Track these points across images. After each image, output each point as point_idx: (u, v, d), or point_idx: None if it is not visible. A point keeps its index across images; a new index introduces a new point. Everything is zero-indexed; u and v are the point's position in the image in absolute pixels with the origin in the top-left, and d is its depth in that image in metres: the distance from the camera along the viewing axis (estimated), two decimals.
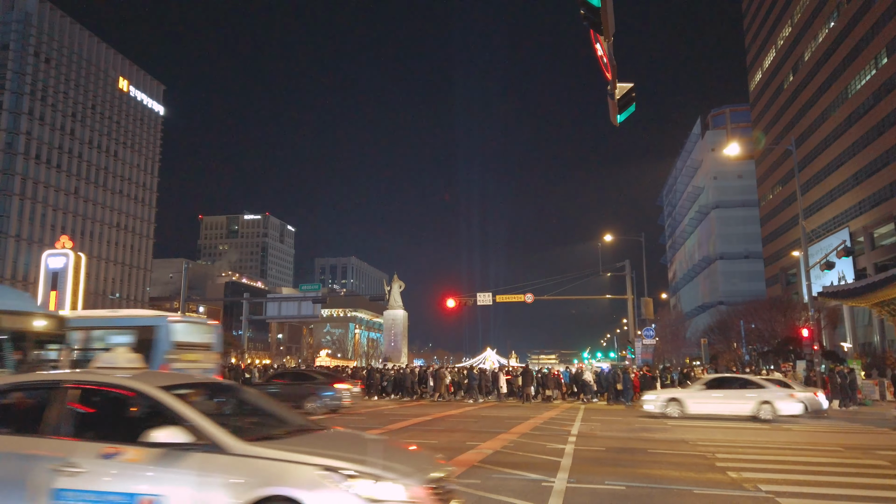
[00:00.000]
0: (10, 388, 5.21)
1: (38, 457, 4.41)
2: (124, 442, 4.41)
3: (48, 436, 4.53)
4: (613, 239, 43.86)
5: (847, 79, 52.90)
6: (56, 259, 44.85)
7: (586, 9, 6.85)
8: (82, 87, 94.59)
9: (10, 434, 4.69)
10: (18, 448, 4.52)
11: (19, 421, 5.02)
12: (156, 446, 4.29)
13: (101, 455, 4.36)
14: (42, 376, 5.24)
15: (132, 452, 4.34)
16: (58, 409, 4.63)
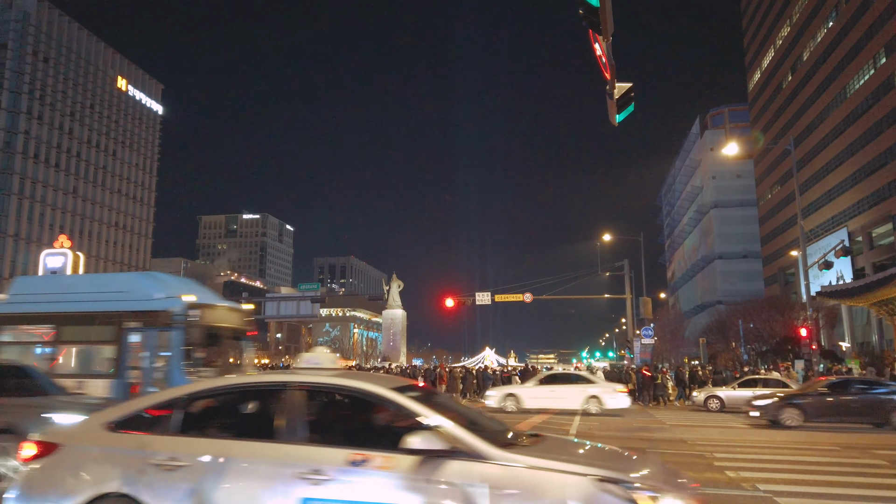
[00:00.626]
0: (231, 389, 4.86)
1: (280, 463, 4.05)
2: (371, 448, 4.05)
3: (286, 441, 4.17)
4: (612, 238, 43.88)
5: (846, 78, 52.94)
6: (54, 258, 44.72)
7: (585, 9, 6.85)
8: (81, 87, 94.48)
9: (242, 439, 4.34)
10: (255, 454, 4.15)
11: (247, 425, 4.77)
12: (411, 453, 3.92)
13: (349, 462, 3.97)
14: (266, 377, 4.91)
15: (382, 459, 3.96)
16: (292, 413, 4.27)
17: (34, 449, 4.43)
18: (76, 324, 12.62)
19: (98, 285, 13.41)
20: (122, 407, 4.65)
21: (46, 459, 4.37)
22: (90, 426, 4.53)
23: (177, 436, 4.31)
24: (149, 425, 4.43)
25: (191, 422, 4.45)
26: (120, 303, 12.19)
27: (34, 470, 4.39)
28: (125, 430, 4.40)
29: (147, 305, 11.91)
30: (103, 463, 4.27)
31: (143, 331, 11.72)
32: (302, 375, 4.54)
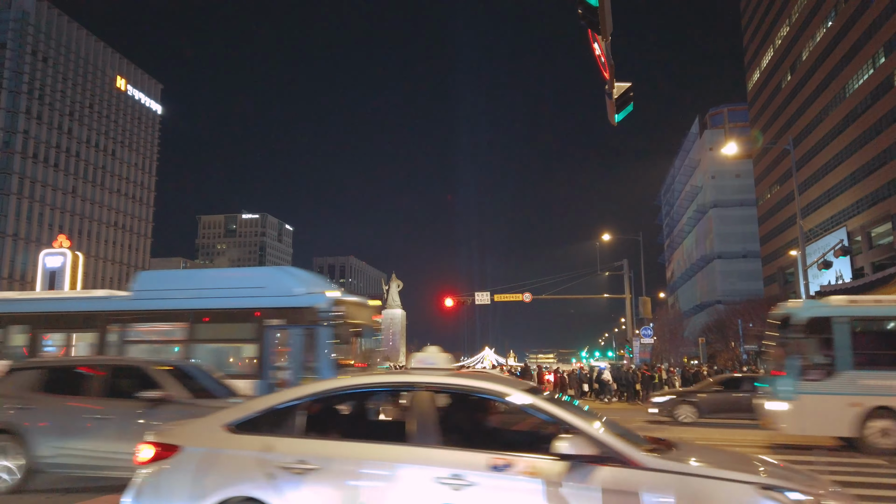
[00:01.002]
0: (354, 390, 4.64)
1: (417, 467, 3.88)
2: (508, 451, 3.89)
3: (420, 444, 3.99)
4: (611, 238, 43.87)
5: (845, 78, 52.95)
6: (53, 258, 44.81)
7: (584, 8, 6.85)
8: (80, 86, 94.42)
9: (371, 441, 4.17)
10: (389, 457, 3.97)
11: (374, 427, 4.61)
12: (559, 458, 3.75)
13: (491, 466, 3.79)
14: (391, 378, 4.63)
15: (525, 463, 3.80)
16: (423, 415, 4.09)
17: (152, 451, 4.29)
18: (213, 321, 12.18)
19: (232, 281, 12.94)
20: (240, 408, 4.49)
21: (166, 462, 4.22)
22: (209, 428, 4.38)
23: (301, 438, 4.17)
24: (270, 427, 4.27)
25: (313, 423, 4.30)
26: (259, 299, 11.71)
27: (153, 473, 4.24)
28: (246, 431, 4.25)
29: (290, 302, 11.48)
30: (228, 466, 4.11)
31: (287, 328, 11.33)
32: (428, 376, 4.35)
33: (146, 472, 4.27)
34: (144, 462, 4.29)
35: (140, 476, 4.27)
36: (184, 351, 11.97)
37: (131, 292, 12.79)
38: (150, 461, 4.26)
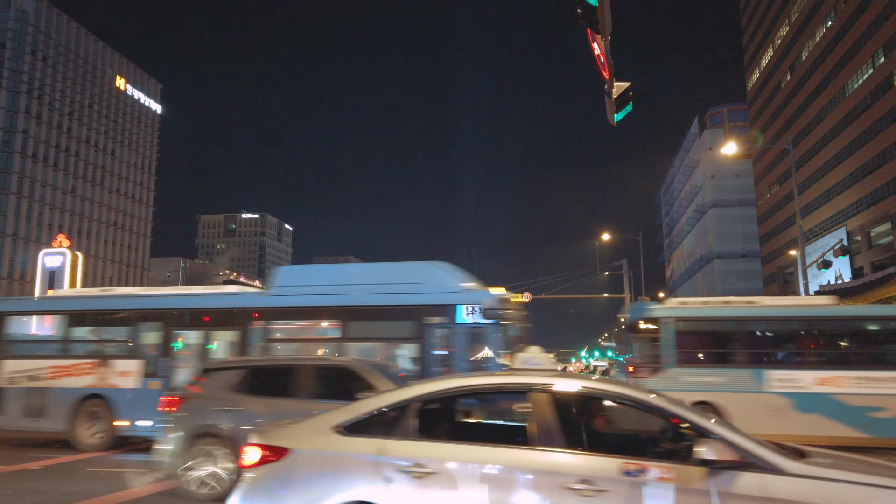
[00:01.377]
0: (468, 391, 4.43)
1: (542, 472, 3.72)
2: (636, 456, 3.75)
3: (542, 447, 3.83)
4: (611, 238, 43.92)
5: (844, 78, 52.96)
6: (53, 258, 44.82)
7: (583, 8, 6.85)
8: (79, 86, 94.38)
9: (490, 444, 3.97)
10: (512, 461, 3.80)
11: (490, 429, 4.46)
12: (697, 463, 3.59)
13: (623, 471, 3.65)
14: (505, 379, 4.37)
15: (660, 469, 3.65)
16: (543, 417, 3.94)
17: (258, 453, 4.14)
18: (366, 318, 11.68)
19: (384, 276, 12.16)
20: (349, 409, 4.32)
21: (275, 465, 4.08)
22: (319, 429, 4.23)
23: (415, 440, 4.03)
24: (381, 428, 4.14)
25: (425, 424, 4.14)
26: (418, 295, 11.21)
27: (261, 476, 4.09)
28: (356, 433, 4.11)
29: (453, 298, 10.97)
30: (341, 469, 3.98)
31: (451, 327, 10.80)
32: (546, 377, 4.19)
33: (252, 475, 4.13)
34: (251, 465, 4.15)
35: (247, 479, 4.14)
36: (333, 350, 11.57)
37: (273, 288, 12.30)
38: (257, 464, 4.13)
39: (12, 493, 7.84)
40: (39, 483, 8.51)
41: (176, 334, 12.36)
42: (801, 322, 13.71)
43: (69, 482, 8.54)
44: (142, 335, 12.51)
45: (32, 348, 13.35)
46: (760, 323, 13.91)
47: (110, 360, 12.25)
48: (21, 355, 12.85)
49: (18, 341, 13.28)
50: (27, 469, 9.60)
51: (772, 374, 12.88)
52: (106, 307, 13.24)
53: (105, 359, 12.30)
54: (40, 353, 12.96)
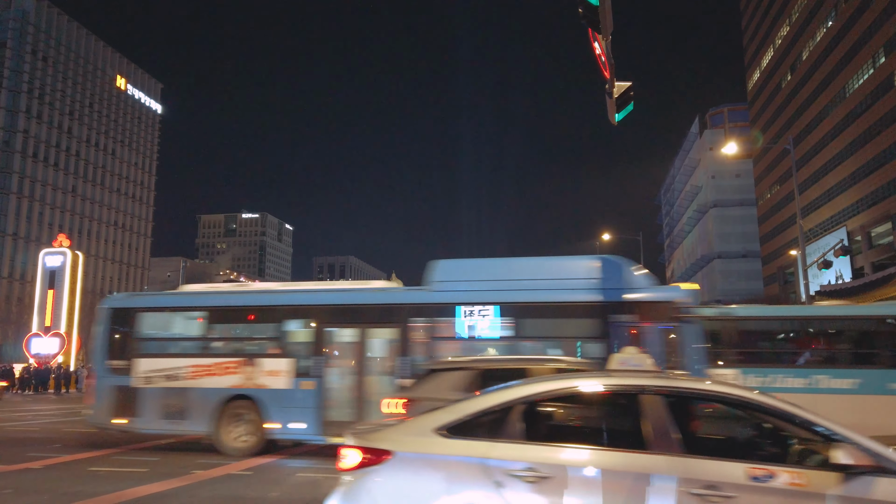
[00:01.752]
0: (574, 392, 4.27)
1: (663, 477, 3.59)
2: (757, 460, 3.63)
3: (659, 452, 3.69)
4: (611, 237, 43.91)
5: (845, 78, 52.94)
6: (53, 258, 44.79)
7: (585, 7, 6.85)
8: (80, 86, 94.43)
9: (603, 448, 3.81)
10: (631, 466, 3.67)
11: (600, 431, 4.37)
12: (829, 468, 3.50)
13: (751, 477, 3.52)
14: (615, 380, 4.22)
15: (789, 475, 3.52)
16: (657, 420, 3.82)
17: (358, 456, 3.99)
18: (541, 316, 11.00)
19: (557, 271, 11.37)
20: (451, 410, 4.16)
21: (376, 469, 3.93)
22: (420, 431, 4.07)
23: (524, 443, 3.87)
24: (486, 430, 3.97)
25: (532, 427, 4.00)
26: (603, 291, 10.59)
27: (363, 480, 3.93)
28: (459, 435, 3.96)
29: (644, 295, 10.39)
30: (449, 473, 3.82)
31: (642, 325, 10.16)
32: (659, 379, 4.07)
33: (350, 478, 3.99)
34: (350, 468, 4.00)
35: (345, 483, 3.99)
36: (502, 350, 10.80)
37: (432, 283, 11.50)
38: (357, 467, 3.98)
39: (13, 493, 7.84)
40: (40, 483, 8.51)
41: (328, 332, 11.65)
42: None
43: (70, 482, 8.54)
44: (292, 333, 11.88)
45: (169, 346, 12.68)
46: None
47: (257, 359, 11.56)
48: (157, 353, 12.19)
49: (153, 339, 12.58)
50: (28, 468, 9.60)
51: None
52: (252, 303, 12.37)
53: (251, 357, 11.62)
54: (179, 351, 12.33)
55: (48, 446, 12.14)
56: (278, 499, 7.71)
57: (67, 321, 43.49)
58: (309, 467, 10.08)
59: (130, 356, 12.06)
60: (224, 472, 9.37)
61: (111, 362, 12.16)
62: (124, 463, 10.25)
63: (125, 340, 12.31)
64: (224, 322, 12.50)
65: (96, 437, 13.76)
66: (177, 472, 9.29)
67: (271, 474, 9.33)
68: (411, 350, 11.01)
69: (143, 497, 7.62)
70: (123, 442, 12.68)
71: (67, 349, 42.65)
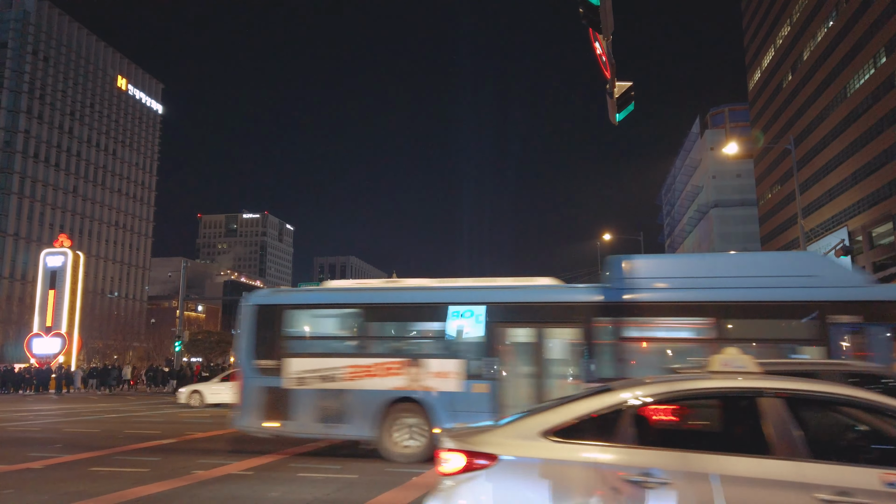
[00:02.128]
0: (688, 394, 4.10)
1: (790, 484, 3.45)
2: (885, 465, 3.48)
3: (784, 457, 3.55)
4: (612, 238, 43.88)
5: (846, 78, 52.92)
6: (54, 258, 44.83)
7: (585, 7, 6.85)
8: (81, 86, 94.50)
9: (721, 452, 3.64)
10: (754, 472, 3.53)
11: (716, 435, 4.21)
12: None
13: (886, 483, 3.39)
14: (731, 383, 4.03)
15: None
16: (779, 424, 3.68)
17: (462, 460, 3.85)
18: (750, 316, 10.14)
19: (762, 267, 10.59)
20: (557, 413, 4.02)
21: (482, 473, 3.78)
22: (525, 434, 3.93)
23: (637, 447, 3.73)
24: (596, 434, 3.84)
25: (643, 430, 3.89)
26: (816, 290, 9.71)
27: (465, 485, 3.81)
28: (567, 438, 3.83)
29: (868, 294, 9.55)
30: (559, 478, 3.69)
31: (866, 327, 9.30)
32: (777, 381, 3.90)
33: (452, 483, 3.86)
34: (453, 472, 3.86)
35: (446, 488, 3.87)
36: (698, 352, 9.90)
37: (615, 280, 10.71)
38: (460, 471, 3.84)
39: (13, 493, 7.85)
40: (41, 483, 8.51)
41: (502, 331, 10.80)
42: None
43: (71, 482, 8.54)
44: (461, 332, 11.05)
45: (324, 345, 11.95)
46: None
47: (423, 360, 10.81)
48: (310, 353, 11.44)
49: (306, 337, 11.98)
50: (28, 468, 9.61)
51: None
52: (417, 300, 11.53)
53: (416, 357, 10.87)
54: (334, 351, 11.61)
55: (49, 446, 12.14)
56: (279, 499, 7.70)
57: (68, 321, 43.52)
58: (309, 467, 10.08)
59: (280, 356, 11.31)
60: (225, 473, 9.37)
61: (258, 362, 11.40)
62: (125, 463, 10.26)
63: (273, 339, 11.53)
64: (385, 320, 11.76)
65: (97, 437, 13.78)
66: (178, 472, 9.30)
67: (272, 474, 9.33)
68: (595, 352, 10.31)
69: (144, 497, 7.62)
70: (124, 442, 12.68)
71: (68, 349, 42.68)
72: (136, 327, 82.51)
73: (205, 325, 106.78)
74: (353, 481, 8.76)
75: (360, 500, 7.44)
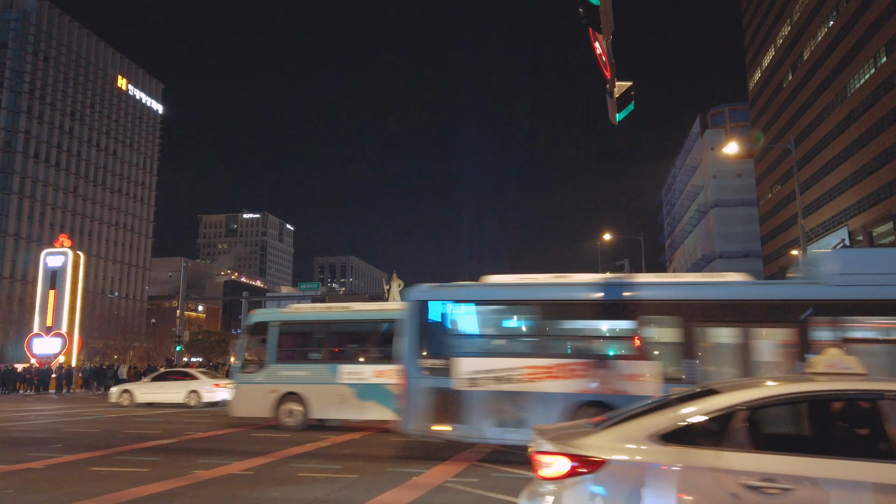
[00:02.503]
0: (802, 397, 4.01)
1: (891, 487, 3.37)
2: None
3: None
4: (612, 237, 43.91)
5: (846, 78, 52.91)
6: (55, 258, 44.82)
7: (585, 7, 6.85)
8: (81, 86, 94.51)
9: (847, 458, 3.55)
10: (879, 478, 3.44)
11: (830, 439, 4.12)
12: None
13: None
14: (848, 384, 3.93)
15: None
16: None
17: (567, 464, 3.78)
18: None
19: None
20: (664, 416, 3.93)
21: (590, 478, 3.71)
22: (634, 438, 3.83)
23: (754, 451, 3.64)
24: (707, 437, 3.75)
25: (759, 434, 3.80)
26: None
27: (571, 489, 3.73)
28: (677, 442, 3.73)
29: None
30: (674, 483, 3.58)
31: None
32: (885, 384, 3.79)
33: (554, 487, 3.79)
34: (557, 476, 3.79)
35: (549, 492, 3.80)
36: None
37: (831, 276, 9.85)
38: (564, 476, 3.76)
39: (14, 493, 7.85)
40: (41, 483, 8.52)
41: (702, 331, 10.09)
42: (360, 324, 15.98)
43: (71, 482, 8.55)
44: (653, 331, 10.39)
45: (498, 344, 11.36)
46: (335, 325, 16.07)
47: (610, 361, 10.15)
48: (482, 352, 10.80)
49: (478, 335, 11.29)
50: (29, 468, 9.61)
51: (343, 368, 14.97)
52: (605, 297, 10.75)
53: (602, 359, 10.21)
54: (510, 350, 10.97)
55: (50, 446, 12.14)
56: (279, 498, 7.70)
57: (69, 321, 43.53)
58: (310, 467, 10.08)
59: (449, 354, 10.62)
60: (225, 472, 9.36)
61: (425, 361, 10.74)
62: (126, 463, 10.26)
63: (441, 337, 10.88)
64: (567, 318, 11.10)
65: (97, 437, 13.78)
66: (178, 472, 9.30)
67: (273, 474, 9.33)
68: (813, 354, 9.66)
69: (145, 497, 7.63)
70: (125, 442, 12.69)
71: (69, 349, 42.69)
72: (136, 327, 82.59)
73: (205, 325, 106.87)
74: (354, 481, 8.76)
75: (361, 500, 7.44)
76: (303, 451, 11.65)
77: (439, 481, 8.60)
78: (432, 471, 9.42)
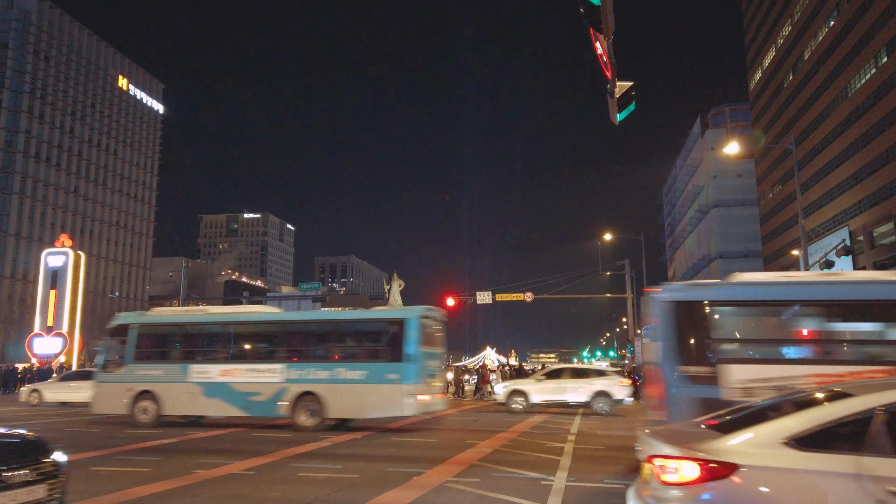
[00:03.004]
0: None
1: None
2: None
3: None
4: (613, 238, 43.85)
5: (847, 78, 52.87)
6: (55, 257, 44.83)
7: (586, 7, 6.84)
8: (82, 86, 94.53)
9: None
10: None
11: None
12: None
13: None
14: None
15: None
16: None
17: (696, 469, 3.65)
18: None
19: None
20: (797, 419, 3.81)
21: (723, 484, 3.59)
22: (767, 442, 3.70)
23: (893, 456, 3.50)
24: (845, 442, 3.63)
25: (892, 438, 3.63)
26: None
27: (702, 495, 3.63)
28: (813, 447, 3.61)
29: None
30: (814, 490, 3.48)
31: None
32: None
33: (681, 493, 3.67)
34: (687, 482, 3.67)
35: (675, 498, 3.69)
36: None
37: None
38: (695, 482, 3.64)
39: None
40: None
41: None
42: (209, 326, 17.17)
43: (71, 481, 8.54)
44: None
45: (776, 349, 10.08)
46: (188, 327, 17.33)
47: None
48: (758, 358, 9.71)
49: (749, 340, 10.39)
50: None
51: (193, 367, 15.97)
52: None
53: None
54: (790, 356, 9.78)
55: None
56: (280, 498, 7.69)
57: (69, 321, 43.53)
58: (310, 467, 10.08)
59: (714, 361, 9.32)
60: (226, 472, 9.36)
61: (686, 368, 9.41)
62: (126, 463, 10.25)
63: (703, 341, 9.70)
64: (866, 321, 9.85)
65: (98, 436, 13.78)
66: (179, 471, 9.29)
67: (273, 474, 9.33)
68: None
69: (145, 497, 7.62)
70: (125, 441, 12.69)
71: (70, 349, 42.70)
72: None
73: None
74: (354, 481, 8.75)
75: (361, 500, 7.43)
76: (303, 451, 11.65)
77: (440, 481, 8.59)
78: (433, 471, 9.41)
